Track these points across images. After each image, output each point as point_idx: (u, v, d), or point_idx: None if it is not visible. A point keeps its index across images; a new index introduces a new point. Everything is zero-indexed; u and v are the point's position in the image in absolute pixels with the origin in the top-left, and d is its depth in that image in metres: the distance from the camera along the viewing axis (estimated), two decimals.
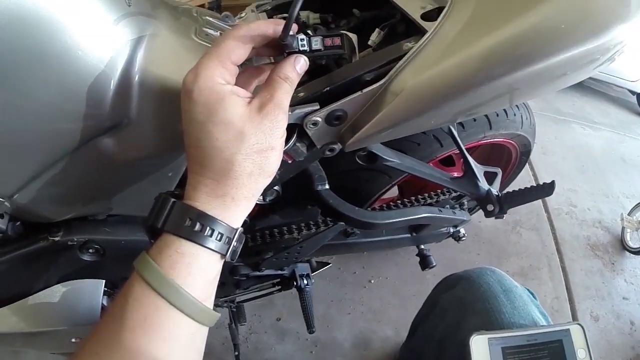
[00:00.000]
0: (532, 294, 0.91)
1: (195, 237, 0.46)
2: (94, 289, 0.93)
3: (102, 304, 0.97)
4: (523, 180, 1.96)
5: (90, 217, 0.77)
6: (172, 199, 0.48)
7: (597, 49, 0.60)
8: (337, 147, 0.68)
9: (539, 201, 2.55)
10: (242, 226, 0.52)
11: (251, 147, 0.47)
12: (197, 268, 0.47)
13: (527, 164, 1.77)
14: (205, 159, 0.47)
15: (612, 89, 4.34)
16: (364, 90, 0.60)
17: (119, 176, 0.70)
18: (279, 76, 0.50)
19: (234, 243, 0.50)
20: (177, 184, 0.76)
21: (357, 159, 0.82)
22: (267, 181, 0.51)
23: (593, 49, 0.60)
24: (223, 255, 0.49)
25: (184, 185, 0.68)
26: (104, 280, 0.94)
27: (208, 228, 0.47)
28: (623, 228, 2.39)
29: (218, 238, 0.47)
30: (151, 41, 0.60)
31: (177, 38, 0.66)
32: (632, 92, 4.22)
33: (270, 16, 0.83)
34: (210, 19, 0.75)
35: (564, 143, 3.21)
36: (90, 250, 0.79)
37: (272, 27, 0.50)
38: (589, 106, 3.98)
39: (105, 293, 0.97)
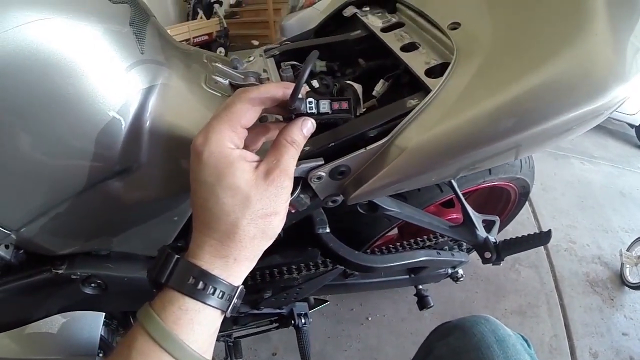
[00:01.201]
0: (526, 341, 0.91)
1: (198, 295, 0.47)
2: (93, 321, 0.94)
3: (101, 335, 0.97)
4: (521, 217, 1.97)
5: (94, 252, 0.78)
6: (176, 256, 0.49)
7: (600, 108, 0.62)
8: (340, 198, 0.69)
9: (535, 229, 2.55)
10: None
11: (256, 213, 0.48)
12: (199, 323, 0.48)
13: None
14: (211, 220, 0.48)
15: (611, 122, 4.38)
16: (368, 148, 0.61)
17: (126, 216, 0.71)
18: (286, 139, 0.51)
19: (234, 300, 0.51)
20: (180, 232, 0.76)
21: (358, 207, 0.84)
22: (269, 243, 0.52)
23: (596, 108, 0.61)
24: (224, 312, 0.50)
25: (187, 231, 0.69)
26: (103, 314, 0.94)
27: (210, 287, 0.48)
28: (622, 264, 2.38)
29: (220, 296, 0.48)
30: (163, 89, 0.62)
31: (188, 86, 0.67)
32: (631, 125, 4.25)
33: (278, 62, 0.84)
34: (220, 65, 0.77)
35: (563, 179, 3.23)
36: (93, 285, 0.79)
37: (282, 90, 0.51)
38: (588, 140, 4.01)
39: (104, 325, 0.98)
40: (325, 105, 0.53)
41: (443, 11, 0.75)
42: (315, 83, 0.69)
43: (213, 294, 0.48)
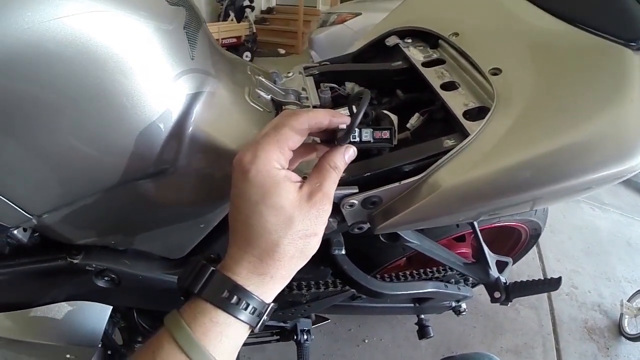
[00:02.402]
0: None
1: (230, 310, 0.47)
2: (100, 314, 0.94)
3: (105, 329, 0.98)
4: (527, 257, 1.97)
5: (111, 245, 0.78)
6: (212, 268, 0.49)
7: (626, 170, 0.62)
8: (366, 226, 0.70)
9: (543, 275, 2.55)
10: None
11: (297, 233, 0.49)
12: (227, 337, 0.48)
13: None
14: (252, 237, 0.49)
15: None
16: (402, 182, 0.62)
17: (152, 217, 0.72)
18: (329, 164, 0.52)
19: (264, 317, 0.51)
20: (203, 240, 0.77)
21: (380, 236, 0.84)
22: (304, 263, 0.52)
23: (623, 170, 0.62)
24: (252, 327, 0.50)
25: (211, 240, 0.70)
26: (111, 307, 0.95)
27: (244, 302, 0.48)
28: (622, 314, 2.36)
29: (251, 311, 0.49)
30: (208, 98, 0.63)
31: (232, 98, 0.68)
32: None
33: (317, 82, 0.86)
34: (263, 79, 0.78)
35: (571, 223, 3.21)
36: (106, 278, 0.79)
37: (329, 118, 0.52)
38: None
39: (110, 318, 0.98)
40: (367, 134, 0.55)
41: (485, 55, 0.76)
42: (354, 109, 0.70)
43: (245, 309, 0.48)
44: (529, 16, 0.77)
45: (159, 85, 0.56)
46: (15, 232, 0.63)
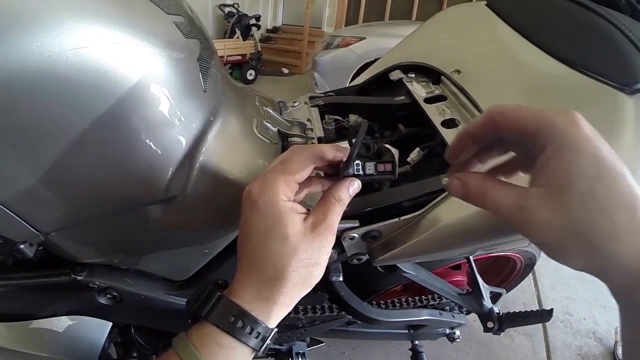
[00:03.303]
0: None
1: (236, 334, 0.49)
2: (99, 330, 0.95)
3: (104, 345, 0.98)
4: (522, 284, 1.97)
5: (114, 264, 0.79)
6: (219, 293, 0.52)
7: None
8: (365, 257, 0.73)
9: (537, 306, 2.55)
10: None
11: (301, 262, 0.51)
12: (232, 359, 0.50)
13: None
14: (258, 264, 0.51)
15: None
16: (401, 218, 0.65)
17: (157, 241, 0.73)
18: (334, 197, 0.55)
19: (267, 341, 0.53)
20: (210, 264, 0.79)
21: (377, 266, 0.86)
22: (308, 290, 0.55)
23: None
24: (256, 351, 0.52)
25: (217, 264, 0.71)
26: (111, 323, 0.96)
27: (249, 326, 0.50)
28: (616, 341, 2.36)
29: (256, 336, 0.50)
30: (219, 129, 0.65)
31: (241, 129, 0.70)
32: None
33: (321, 112, 0.88)
34: (270, 110, 0.81)
35: None
36: (108, 296, 0.80)
37: (334, 153, 0.55)
38: None
39: (109, 335, 0.99)
40: (370, 167, 0.57)
41: (485, 94, 0.78)
42: (347, 145, 0.73)
43: (250, 333, 0.50)
44: (529, 57, 0.78)
45: (172, 115, 0.57)
46: (22, 246, 0.63)
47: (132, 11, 0.55)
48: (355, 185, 0.57)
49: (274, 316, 0.53)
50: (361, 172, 0.56)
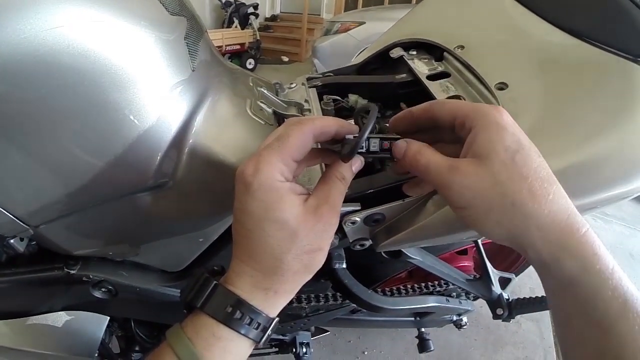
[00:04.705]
0: None
1: (234, 325, 0.46)
2: (97, 324, 0.94)
3: (102, 339, 0.97)
4: (529, 270, 1.95)
5: (108, 256, 0.77)
6: (214, 282, 0.48)
7: (633, 190, 0.62)
8: (368, 243, 0.69)
9: (544, 291, 2.53)
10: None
11: (302, 248, 0.47)
12: (230, 352, 0.47)
13: None
14: (255, 252, 0.47)
15: None
16: (406, 200, 0.61)
17: (150, 230, 0.71)
18: (336, 176, 0.51)
19: (268, 332, 0.50)
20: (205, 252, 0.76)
21: (382, 253, 0.83)
22: (309, 277, 0.51)
23: (630, 191, 0.62)
24: (256, 342, 0.49)
25: (213, 253, 0.68)
26: (108, 317, 0.94)
27: (247, 317, 0.47)
28: None
29: (255, 327, 0.47)
30: (209, 110, 0.62)
31: (233, 110, 0.67)
32: None
33: (320, 94, 0.85)
34: (265, 91, 0.77)
35: None
36: (103, 289, 0.79)
37: (336, 127, 0.50)
38: None
39: (107, 327, 0.97)
40: (375, 144, 0.52)
41: (491, 69, 0.75)
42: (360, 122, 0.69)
43: (249, 324, 0.47)
44: (537, 30, 0.75)
45: (158, 96, 0.55)
46: (12, 241, 0.62)
47: None
48: (358, 163, 0.53)
49: (274, 305, 0.49)
50: (364, 149, 0.52)
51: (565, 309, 0.47)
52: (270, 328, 0.50)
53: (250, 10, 7.92)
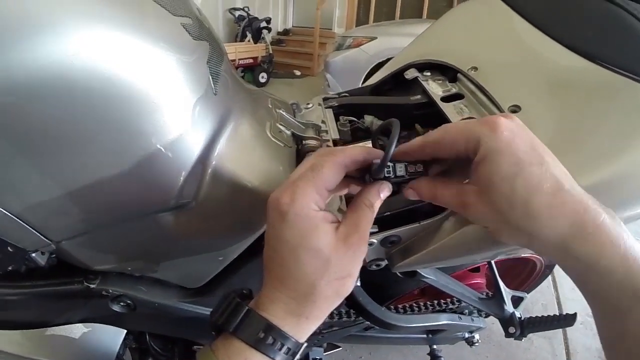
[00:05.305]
0: None
1: (265, 350, 0.47)
2: (114, 337, 0.95)
3: (119, 353, 0.98)
4: (541, 286, 1.94)
5: (127, 271, 0.78)
6: (247, 307, 0.49)
7: None
8: (383, 263, 0.70)
9: (556, 307, 2.51)
10: None
11: (334, 275, 0.48)
12: None
13: None
14: (289, 279, 0.49)
15: None
16: (422, 222, 0.63)
17: (170, 248, 0.72)
18: (365, 203, 0.52)
19: (297, 357, 0.51)
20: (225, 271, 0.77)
21: (397, 273, 0.84)
22: (339, 302, 0.52)
23: None
24: None
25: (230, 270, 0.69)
26: (125, 331, 0.95)
27: (279, 342, 0.48)
28: None
29: (285, 352, 0.48)
30: (231, 133, 0.63)
31: (254, 133, 0.69)
32: None
33: (336, 114, 0.87)
34: (283, 113, 0.79)
35: None
36: (122, 303, 0.79)
37: (364, 156, 0.51)
38: None
39: (123, 342, 0.98)
40: (401, 169, 0.53)
41: (504, 91, 0.76)
42: (370, 146, 0.71)
43: (280, 349, 0.48)
44: (550, 52, 0.76)
45: (182, 120, 0.56)
46: (33, 255, 0.63)
47: (138, 13, 0.54)
48: (386, 190, 0.54)
49: (304, 331, 0.51)
50: (392, 174, 0.53)
51: (585, 297, 0.50)
52: (299, 353, 0.51)
53: (263, 24, 7.97)
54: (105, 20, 0.49)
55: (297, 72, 8.83)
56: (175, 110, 0.55)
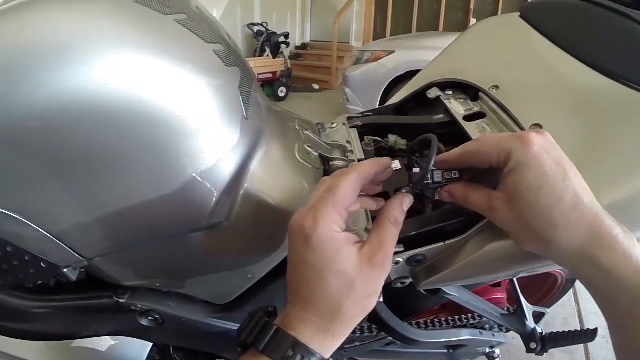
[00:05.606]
0: None
1: None
2: (140, 349, 0.96)
3: None
4: (562, 300, 1.92)
5: (155, 287, 0.80)
6: (275, 326, 0.51)
7: None
8: (409, 281, 0.72)
9: (577, 321, 2.49)
10: None
11: (359, 295, 0.50)
12: None
13: None
14: (316, 300, 0.50)
15: None
16: (447, 242, 0.64)
17: (201, 266, 0.74)
18: (389, 220, 0.54)
19: None
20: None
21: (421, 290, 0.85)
22: (363, 318, 0.54)
23: None
24: None
25: (258, 287, 0.71)
26: (150, 344, 0.97)
27: (306, 359, 0.49)
28: None
29: None
30: (262, 156, 0.66)
31: (284, 155, 0.71)
32: None
33: (360, 134, 0.88)
34: (310, 134, 0.81)
35: None
36: (150, 318, 0.81)
37: (376, 168, 0.55)
38: None
39: (149, 355, 1.00)
40: (439, 175, 0.59)
41: (526, 110, 0.76)
42: (397, 164, 0.72)
43: None
44: (571, 71, 0.77)
45: (215, 144, 0.58)
46: (65, 270, 0.65)
47: (173, 42, 0.56)
48: (407, 201, 0.57)
49: (330, 348, 0.52)
50: (430, 181, 0.58)
51: (599, 305, 0.53)
52: None
53: (282, 39, 8.06)
54: (141, 48, 0.52)
55: (316, 86, 8.87)
56: (209, 135, 0.58)
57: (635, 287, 0.47)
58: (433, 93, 0.96)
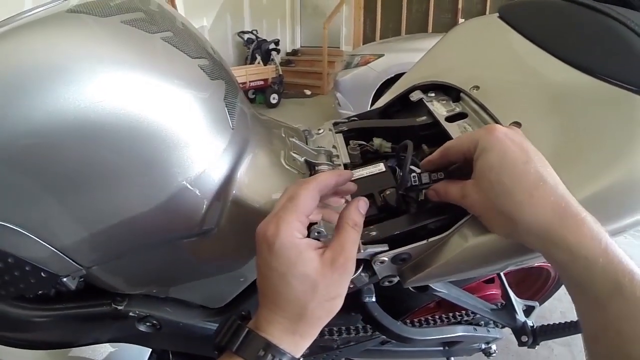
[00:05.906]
0: None
1: None
2: (139, 356, 0.98)
3: None
4: (559, 293, 1.93)
5: (152, 293, 0.83)
6: (247, 328, 0.54)
7: None
8: (396, 279, 0.74)
9: (575, 314, 2.49)
10: None
11: (323, 297, 0.53)
12: None
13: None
14: (282, 303, 0.53)
15: None
16: (429, 240, 0.66)
17: (195, 271, 0.77)
18: (348, 224, 0.57)
19: None
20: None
21: (409, 287, 0.87)
22: (330, 319, 0.56)
23: None
24: None
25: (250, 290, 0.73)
26: (150, 350, 0.99)
27: (277, 358, 0.52)
28: None
29: None
30: (249, 164, 0.68)
31: (270, 161, 0.74)
32: None
33: (346, 138, 0.90)
34: (296, 141, 0.83)
35: None
36: (148, 324, 0.83)
37: (335, 179, 0.59)
38: None
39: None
40: (425, 177, 0.64)
41: (505, 109, 0.78)
42: (382, 166, 0.75)
43: None
44: (549, 69, 0.79)
45: (204, 155, 0.61)
46: (65, 279, 0.67)
47: (160, 59, 0.59)
48: (362, 204, 0.60)
49: (299, 347, 0.55)
50: (417, 183, 0.64)
51: (568, 290, 0.55)
52: None
53: (272, 46, 8.08)
54: (130, 67, 0.55)
55: (308, 92, 8.88)
56: (198, 146, 0.60)
57: (602, 270, 0.49)
58: (416, 96, 0.98)
